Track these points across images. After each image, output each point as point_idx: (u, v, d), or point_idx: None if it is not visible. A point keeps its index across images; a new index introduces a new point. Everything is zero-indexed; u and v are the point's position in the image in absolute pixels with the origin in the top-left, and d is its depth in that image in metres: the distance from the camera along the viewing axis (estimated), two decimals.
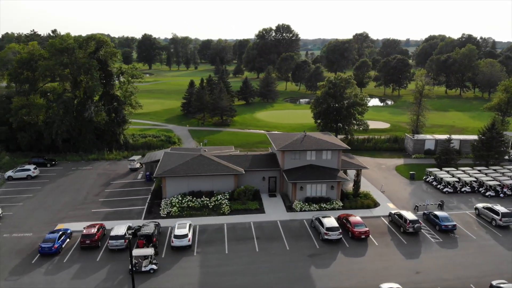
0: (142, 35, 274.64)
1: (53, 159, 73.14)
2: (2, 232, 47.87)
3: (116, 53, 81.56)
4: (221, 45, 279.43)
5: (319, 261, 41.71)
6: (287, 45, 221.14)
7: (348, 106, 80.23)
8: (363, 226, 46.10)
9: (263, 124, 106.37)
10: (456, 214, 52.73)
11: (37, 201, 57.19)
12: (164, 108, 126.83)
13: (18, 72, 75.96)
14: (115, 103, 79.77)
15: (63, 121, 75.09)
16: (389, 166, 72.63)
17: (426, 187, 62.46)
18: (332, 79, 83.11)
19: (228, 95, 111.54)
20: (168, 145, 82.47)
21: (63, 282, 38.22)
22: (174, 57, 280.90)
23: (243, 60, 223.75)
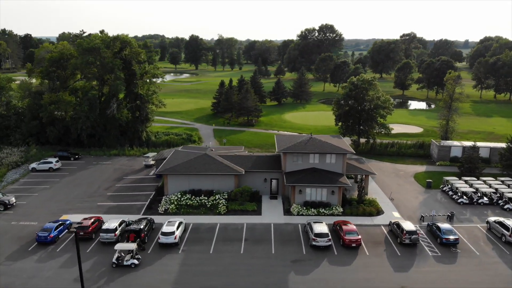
0: (190, 36, 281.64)
1: (76, 153, 76.93)
2: (11, 219, 51.10)
3: (140, 53, 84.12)
4: (265, 45, 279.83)
5: (301, 267, 40.51)
6: (329, 45, 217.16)
7: (370, 109, 77.21)
8: (355, 234, 44.17)
9: (289, 126, 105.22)
10: (465, 227, 49.08)
11: (51, 192, 60.44)
12: (197, 107, 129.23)
13: (49, 70, 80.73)
14: (138, 102, 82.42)
15: (88, 117, 78.75)
16: (407, 173, 69.02)
17: (441, 197, 58.65)
18: (354, 80, 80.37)
19: (255, 95, 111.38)
20: (188, 143, 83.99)
21: (50, 270, 40.08)
22: (219, 58, 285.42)
23: (284, 60, 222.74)
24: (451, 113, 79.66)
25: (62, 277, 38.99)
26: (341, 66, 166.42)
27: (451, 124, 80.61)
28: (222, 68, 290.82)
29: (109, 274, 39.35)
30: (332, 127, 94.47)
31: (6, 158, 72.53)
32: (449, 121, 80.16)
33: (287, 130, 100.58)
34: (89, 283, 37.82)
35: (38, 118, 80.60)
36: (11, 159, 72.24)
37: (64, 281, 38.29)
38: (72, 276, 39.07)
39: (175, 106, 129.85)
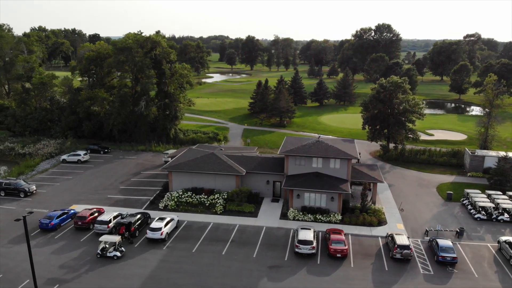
0: (246, 37, 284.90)
1: (106, 147, 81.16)
2: (26, 206, 55.18)
3: (170, 53, 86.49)
4: (321, 45, 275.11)
5: (276, 274, 39.37)
6: (386, 45, 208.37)
7: (398, 113, 72.86)
8: (342, 244, 42.00)
9: (321, 128, 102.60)
10: (472, 245, 44.64)
11: (72, 183, 64.35)
12: (236, 106, 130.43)
13: (87, 68, 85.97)
14: (166, 100, 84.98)
15: (120, 113, 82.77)
16: (431, 183, 64.21)
17: (458, 211, 53.81)
18: (383, 82, 76.28)
19: (290, 96, 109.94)
20: (213, 142, 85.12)
21: (42, 255, 42.71)
22: (274, 58, 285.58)
23: (338, 60, 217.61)
24: (491, 120, 72.68)
25: (50, 262, 41.36)
26: (393, 67, 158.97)
27: (490, 132, 73.59)
28: (276, 69, 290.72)
29: (91, 264, 41.08)
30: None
31: (43, 149, 78.49)
32: (489, 128, 73.20)
33: (318, 132, 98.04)
34: (71, 270, 39.83)
35: (76, 113, 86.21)
36: (46, 150, 78.06)
37: (50, 266, 40.59)
38: (59, 262, 41.34)
39: (215, 105, 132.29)
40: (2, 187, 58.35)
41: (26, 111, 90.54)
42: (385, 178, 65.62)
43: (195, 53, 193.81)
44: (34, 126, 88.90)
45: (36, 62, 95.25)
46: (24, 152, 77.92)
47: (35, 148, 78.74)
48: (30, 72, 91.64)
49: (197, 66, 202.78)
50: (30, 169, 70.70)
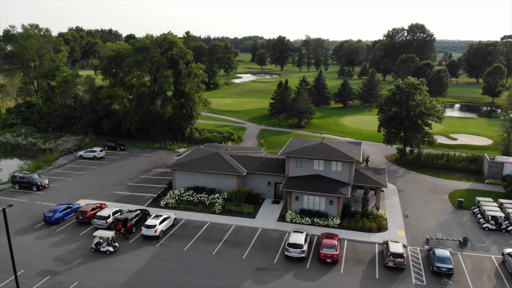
0: (277, 37, 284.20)
1: (123, 144, 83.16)
2: (37, 199, 57.41)
3: (187, 53, 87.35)
4: (353, 46, 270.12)
5: (262, 276, 38.89)
6: (419, 46, 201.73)
7: (414, 116, 70.19)
8: (333, 249, 40.90)
9: (341, 129, 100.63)
10: (475, 256, 42.29)
11: (84, 178, 66.35)
12: (258, 107, 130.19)
13: (107, 67, 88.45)
14: (182, 99, 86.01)
15: (137, 112, 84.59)
16: (444, 189, 61.43)
17: (467, 220, 51.14)
18: (400, 83, 73.75)
19: (309, 97, 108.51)
20: (227, 142, 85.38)
21: (40, 247, 44.30)
22: (305, 59, 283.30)
23: (368, 61, 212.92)
24: None
25: (46, 254, 42.79)
26: (423, 68, 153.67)
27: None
28: (307, 69, 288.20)
29: (85, 258, 42.15)
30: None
31: (62, 145, 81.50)
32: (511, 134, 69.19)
33: (336, 134, 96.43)
34: (64, 263, 41.05)
35: (96, 110, 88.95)
36: (65, 146, 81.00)
37: (46, 258, 41.97)
38: (55, 254, 42.68)
39: (238, 106, 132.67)
40: (17, 181, 61.02)
41: (51, 108, 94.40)
42: (396, 183, 63.60)
43: (222, 54, 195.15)
44: (57, 123, 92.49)
45: (61, 61, 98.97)
46: (45, 148, 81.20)
47: (55, 144, 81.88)
48: (55, 71, 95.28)
49: (224, 66, 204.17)
50: (48, 164, 73.57)
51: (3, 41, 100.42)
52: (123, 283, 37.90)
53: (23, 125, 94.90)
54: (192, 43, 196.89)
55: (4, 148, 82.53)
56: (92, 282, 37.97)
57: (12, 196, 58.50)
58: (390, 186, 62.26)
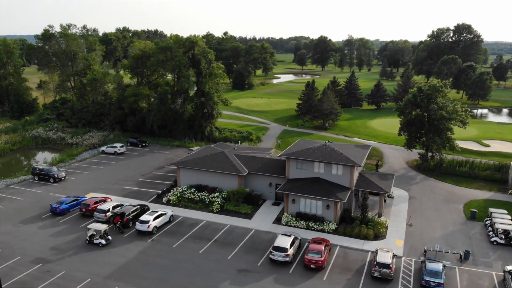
0: (318, 37, 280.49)
1: (145, 141, 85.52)
2: (51, 191, 60.33)
3: (208, 53, 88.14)
4: (398, 46, 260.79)
5: (242, 278, 38.49)
6: (465, 47, 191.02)
7: (435, 120, 66.51)
8: (318, 255, 39.62)
9: (366, 132, 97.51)
10: (474, 272, 39.32)
11: (100, 172, 68.91)
12: (286, 107, 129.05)
13: (133, 66, 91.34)
14: (202, 99, 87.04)
15: (160, 110, 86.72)
16: (461, 198, 57.68)
17: (476, 232, 47.64)
18: (422, 85, 70.15)
19: (335, 98, 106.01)
20: (245, 142, 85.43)
21: (41, 236, 46.52)
22: (347, 59, 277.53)
23: (411, 62, 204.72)
24: None
25: (45, 243, 44.86)
26: (466, 70, 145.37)
27: None
28: (349, 70, 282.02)
29: (78, 249, 43.77)
30: None
31: (88, 140, 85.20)
32: None
33: (360, 136, 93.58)
34: (59, 252, 42.86)
35: (122, 108, 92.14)
36: (90, 141, 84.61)
37: (43, 247, 43.99)
38: (52, 244, 44.65)
39: (267, 106, 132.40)
40: (36, 173, 64.52)
41: (83, 105, 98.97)
42: (409, 190, 60.64)
43: (258, 54, 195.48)
44: (87, 119, 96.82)
45: (94, 60, 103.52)
46: (72, 142, 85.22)
47: (82, 139, 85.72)
48: (87, 69, 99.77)
49: (259, 66, 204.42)
50: (71, 157, 77.16)
51: (43, 40, 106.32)
52: (107, 275, 38.92)
53: (57, 120, 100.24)
54: (229, 44, 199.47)
55: (35, 141, 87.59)
56: (78, 272, 39.32)
57: (30, 187, 61.93)
58: (401, 192, 59.55)
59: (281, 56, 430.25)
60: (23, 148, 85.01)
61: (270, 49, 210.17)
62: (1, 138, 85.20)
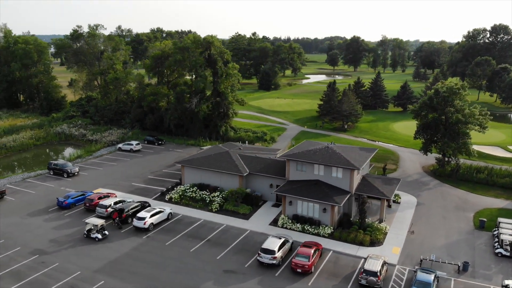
0: (351, 37, 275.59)
1: (161, 139, 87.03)
2: (63, 185, 62.51)
3: (224, 53, 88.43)
4: (433, 47, 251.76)
5: (226, 279, 38.33)
6: (502, 49, 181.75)
7: (451, 123, 63.60)
8: (306, 259, 38.79)
9: (387, 135, 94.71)
10: (472, 284, 37.28)
11: (113, 169, 70.73)
12: (309, 108, 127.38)
13: (153, 66, 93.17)
14: (217, 98, 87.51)
15: (177, 109, 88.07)
16: (473, 206, 54.81)
17: (481, 242, 45.05)
18: (439, 87, 67.24)
19: (357, 99, 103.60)
20: (258, 142, 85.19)
21: (44, 228, 48.29)
22: (381, 59, 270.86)
23: (445, 63, 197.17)
24: None
25: (46, 235, 46.52)
26: (500, 72, 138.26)
27: None
28: (382, 70, 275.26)
29: (76, 242, 45.12)
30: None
31: (107, 137, 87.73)
32: None
33: (379, 139, 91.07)
34: (57, 245, 44.36)
35: (142, 106, 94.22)
36: (109, 138, 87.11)
37: (43, 239, 45.63)
38: (52, 236, 46.28)
39: (289, 106, 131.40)
40: (52, 167, 67.11)
41: (106, 103, 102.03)
42: (419, 196, 58.33)
43: (285, 54, 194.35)
44: (109, 116, 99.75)
45: (118, 60, 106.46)
46: (92, 139, 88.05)
47: (101, 136, 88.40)
48: (110, 68, 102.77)
49: (286, 67, 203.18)
50: (89, 153, 79.73)
51: (72, 39, 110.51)
52: (97, 269, 39.84)
53: (82, 117, 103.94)
54: (257, 44, 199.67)
55: (59, 137, 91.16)
56: (70, 265, 40.49)
57: (44, 181, 64.47)
58: (410, 198, 57.38)
59: (314, 57, 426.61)
60: (46, 144, 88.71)
61: (298, 49, 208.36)
62: (27, 133, 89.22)
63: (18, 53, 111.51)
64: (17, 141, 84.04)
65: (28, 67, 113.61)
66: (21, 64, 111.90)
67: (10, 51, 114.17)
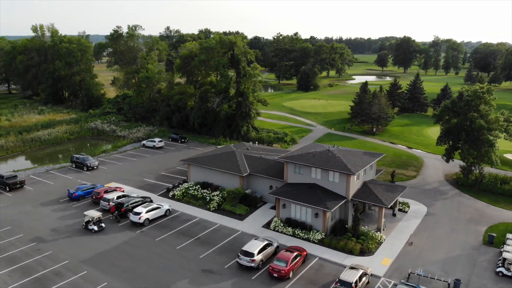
0: (401, 38, 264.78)
1: (184, 137, 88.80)
2: (80, 178, 65.66)
3: (247, 53, 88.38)
4: (490, 48, 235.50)
5: (201, 278, 38.40)
6: None
7: (473, 129, 59.16)
8: (284, 264, 37.81)
9: (418, 140, 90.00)
10: None
11: (131, 164, 73.20)
12: (341, 110, 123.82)
13: (181, 66, 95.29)
14: (239, 98, 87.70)
15: (200, 108, 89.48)
16: (488, 220, 50.58)
17: (484, 259, 41.38)
18: (463, 90, 62.76)
19: (388, 102, 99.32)
20: (279, 143, 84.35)
21: (50, 218, 51.02)
22: (432, 61, 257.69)
23: (499, 66, 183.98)
24: None
25: (49, 225, 49.14)
26: None
27: None
28: (434, 72, 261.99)
29: (74, 232, 47.28)
30: None
31: (134, 133, 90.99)
32: None
33: (409, 144, 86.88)
34: (56, 234, 46.75)
35: (170, 105, 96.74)
36: (136, 134, 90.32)
37: (45, 228, 48.24)
38: (54, 226, 48.79)
39: (322, 107, 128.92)
40: (74, 161, 70.77)
41: (139, 101, 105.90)
42: (432, 205, 54.89)
43: (326, 55, 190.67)
44: (141, 114, 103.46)
45: (152, 59, 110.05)
46: (121, 135, 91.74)
47: (129, 132, 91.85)
48: (143, 68, 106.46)
49: (327, 67, 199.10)
50: (114, 149, 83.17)
51: (111, 39, 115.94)
52: (84, 259, 41.46)
53: (117, 114, 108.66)
54: (298, 44, 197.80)
55: (91, 132, 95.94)
56: (62, 253, 42.48)
57: (65, 173, 68.12)
58: (420, 207, 54.13)
59: (365, 57, 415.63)
60: (79, 138, 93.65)
61: (340, 50, 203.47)
62: (62, 128, 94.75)
63: (62, 52, 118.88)
64: (51, 135, 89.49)
65: (71, 65, 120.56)
66: (64, 63, 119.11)
67: (56, 49, 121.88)
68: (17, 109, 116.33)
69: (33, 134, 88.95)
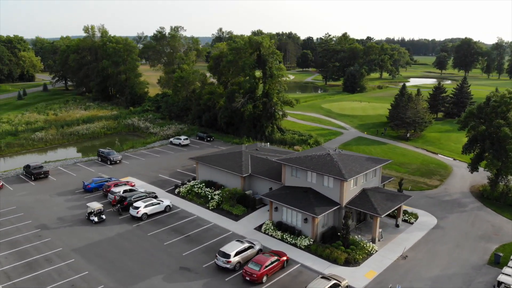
0: (462, 39, 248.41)
1: (210, 136, 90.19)
2: (102, 171, 69.00)
3: (274, 53, 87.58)
4: None
5: (176, 276, 38.85)
6: None
7: (497, 137, 54.00)
8: (257, 268, 37.10)
9: (453, 148, 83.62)
10: None
11: (153, 160, 75.61)
12: (381, 113, 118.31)
13: (212, 66, 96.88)
14: (264, 99, 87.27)
15: (227, 108, 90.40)
16: (502, 238, 45.88)
17: (483, 281, 37.54)
18: (491, 95, 57.45)
19: (427, 106, 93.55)
20: (302, 145, 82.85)
21: (60, 207, 54.21)
22: (495, 64, 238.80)
23: None
24: None
25: (57, 213, 52.28)
26: None
27: None
28: (497, 76, 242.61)
29: (77, 222, 49.94)
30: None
31: (165, 131, 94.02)
32: None
33: (443, 152, 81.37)
34: (60, 222, 49.71)
35: (200, 104, 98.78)
36: (166, 132, 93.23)
37: (53, 216, 51.39)
38: (61, 215, 51.81)
39: (360, 110, 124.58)
40: (99, 155, 74.65)
41: (175, 100, 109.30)
42: (444, 218, 51.10)
43: (376, 56, 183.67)
44: (176, 112, 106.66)
45: (189, 59, 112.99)
46: (153, 132, 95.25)
47: (160, 129, 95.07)
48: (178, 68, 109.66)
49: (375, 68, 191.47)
50: (143, 145, 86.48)
51: (155, 40, 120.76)
52: (75, 248, 43.66)
53: (155, 112, 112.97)
54: (346, 45, 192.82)
55: (128, 128, 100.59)
56: (59, 241, 45.05)
57: (90, 166, 72.02)
58: (429, 219, 50.54)
59: (425, 59, 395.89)
60: (115, 134, 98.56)
61: (391, 50, 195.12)
62: (101, 123, 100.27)
63: (110, 51, 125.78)
64: (89, 130, 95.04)
65: (118, 64, 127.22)
66: (111, 62, 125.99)
67: (104, 49, 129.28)
68: (67, 105, 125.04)
69: (73, 129, 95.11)
